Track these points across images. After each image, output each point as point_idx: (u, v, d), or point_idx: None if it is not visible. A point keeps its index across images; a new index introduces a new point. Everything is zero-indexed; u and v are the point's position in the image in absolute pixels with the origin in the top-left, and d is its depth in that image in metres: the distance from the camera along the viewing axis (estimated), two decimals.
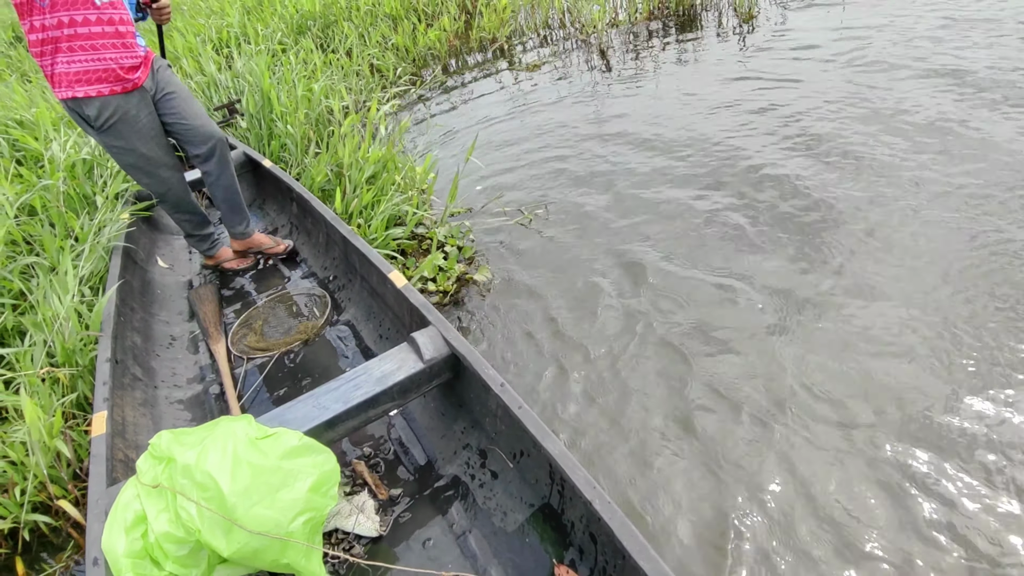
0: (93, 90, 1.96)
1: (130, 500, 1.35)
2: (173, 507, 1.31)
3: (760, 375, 1.91)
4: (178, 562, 1.29)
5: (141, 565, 1.28)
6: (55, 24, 1.86)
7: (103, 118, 2.03)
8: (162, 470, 1.37)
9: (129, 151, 2.18)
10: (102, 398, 1.77)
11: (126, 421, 1.82)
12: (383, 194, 2.85)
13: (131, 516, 1.32)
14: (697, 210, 2.68)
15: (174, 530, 1.29)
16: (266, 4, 5.97)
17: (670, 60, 4.36)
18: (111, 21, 1.94)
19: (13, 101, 3.62)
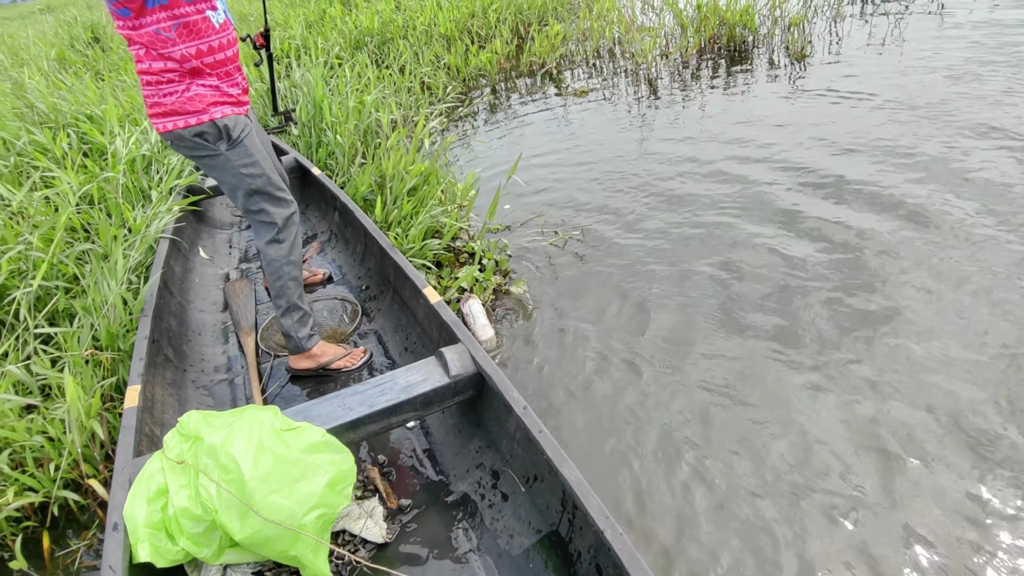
0: (218, 112, 1.89)
1: (154, 472, 1.40)
2: (194, 484, 1.35)
3: (793, 430, 1.86)
4: (192, 539, 1.33)
5: (157, 536, 1.32)
6: (191, 54, 1.80)
7: (236, 132, 1.92)
8: (188, 448, 1.42)
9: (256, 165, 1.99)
10: (137, 373, 1.84)
11: (155, 398, 1.89)
12: (423, 206, 2.90)
13: (154, 488, 1.37)
14: (732, 251, 2.64)
15: (192, 507, 1.33)
16: (327, 19, 6.19)
17: (718, 95, 4.36)
18: (230, 44, 1.93)
19: (86, 97, 3.83)
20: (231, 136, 1.90)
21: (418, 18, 6.05)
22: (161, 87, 1.82)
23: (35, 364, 2.01)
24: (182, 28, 1.77)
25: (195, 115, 1.85)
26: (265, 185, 1.99)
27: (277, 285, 2.10)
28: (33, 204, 2.63)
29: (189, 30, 1.79)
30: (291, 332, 2.14)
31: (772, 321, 2.23)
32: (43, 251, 2.40)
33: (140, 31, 1.75)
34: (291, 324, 2.13)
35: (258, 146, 2.00)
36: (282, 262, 2.08)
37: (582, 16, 6.22)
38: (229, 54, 1.91)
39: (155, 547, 1.31)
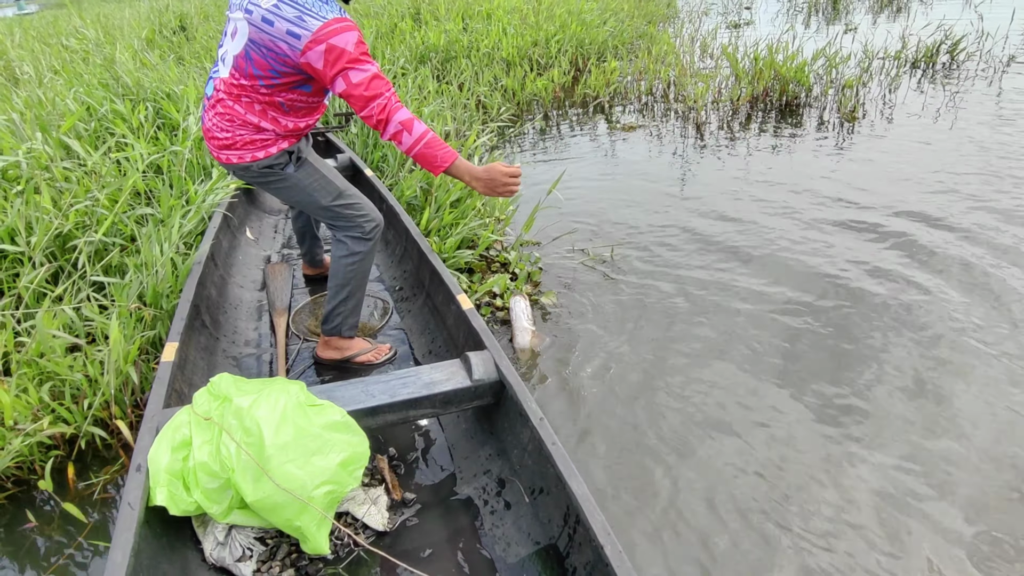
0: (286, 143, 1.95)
1: (181, 424, 1.48)
2: (216, 442, 1.43)
3: (831, 482, 1.89)
4: (205, 493, 1.40)
5: (175, 484, 1.40)
6: (293, 127, 1.91)
7: (301, 152, 2.01)
8: (215, 407, 1.50)
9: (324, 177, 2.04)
10: (176, 331, 1.95)
11: (188, 358, 1.99)
12: (463, 218, 3.03)
13: (178, 439, 1.45)
14: (756, 306, 2.67)
15: (211, 463, 1.40)
16: (397, 32, 6.48)
17: (764, 146, 4.42)
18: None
19: (167, 76, 4.12)
20: (299, 156, 1.95)
21: (483, 40, 6.29)
22: (242, 132, 1.85)
23: (86, 308, 2.18)
24: (295, 111, 1.85)
25: (263, 149, 1.89)
26: (337, 197, 2.02)
27: (347, 278, 2.10)
28: (105, 166, 2.85)
29: (303, 110, 1.88)
30: (337, 316, 2.16)
31: (796, 370, 2.27)
32: (108, 209, 2.60)
33: (275, 95, 1.79)
34: (344, 309, 2.15)
35: (324, 163, 2.08)
36: (359, 258, 2.07)
37: (640, 56, 6.37)
38: (316, 114, 1.97)
39: (171, 494, 1.38)
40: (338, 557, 1.54)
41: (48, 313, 2.06)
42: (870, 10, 9.30)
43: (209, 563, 1.47)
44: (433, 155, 1.71)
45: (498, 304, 2.64)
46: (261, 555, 1.50)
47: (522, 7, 7.52)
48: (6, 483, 1.96)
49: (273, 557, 1.51)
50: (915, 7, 8.99)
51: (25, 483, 1.97)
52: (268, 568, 1.48)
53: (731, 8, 10.23)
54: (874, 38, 6.63)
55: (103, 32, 5.91)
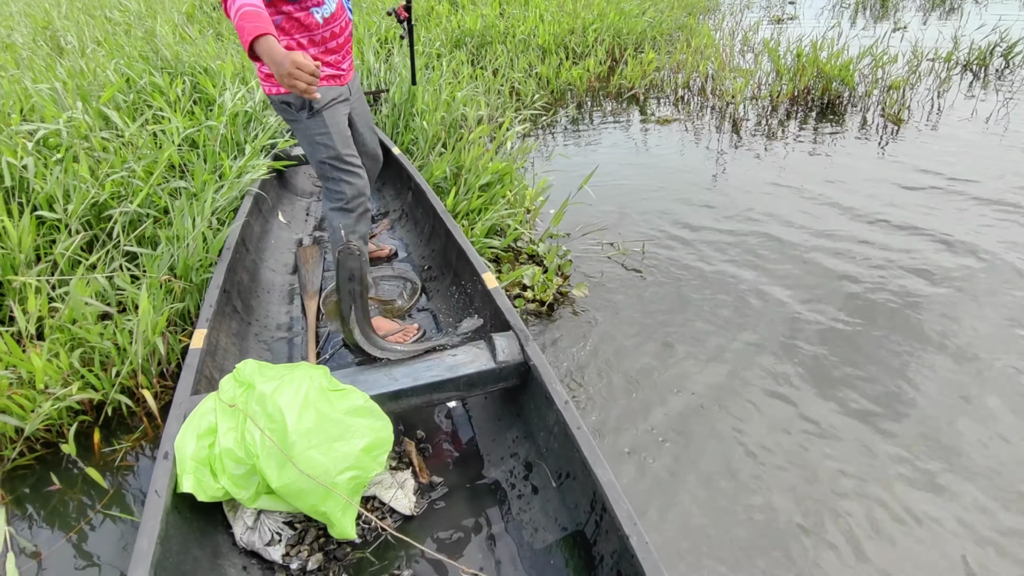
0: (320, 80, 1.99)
1: (207, 411, 1.49)
2: (241, 429, 1.43)
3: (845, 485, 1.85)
4: (232, 480, 1.41)
5: (201, 471, 1.41)
6: (292, 45, 1.96)
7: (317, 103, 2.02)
8: (240, 393, 1.50)
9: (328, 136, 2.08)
10: (205, 318, 1.95)
11: (218, 344, 2.00)
12: (492, 203, 3.00)
13: (205, 425, 1.46)
14: (787, 308, 2.62)
15: (237, 449, 1.41)
16: (434, 15, 6.45)
17: (802, 145, 4.30)
18: (335, 35, 2.04)
19: (205, 51, 4.15)
20: (312, 105, 2.00)
21: (519, 27, 6.22)
22: None
23: (119, 278, 2.21)
24: (285, 21, 1.92)
25: None
26: (332, 157, 2.08)
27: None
28: (142, 137, 2.88)
29: (293, 23, 1.93)
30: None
31: (830, 374, 2.21)
32: (143, 180, 2.63)
33: (273, 16, 1.88)
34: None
35: (337, 120, 2.07)
36: (347, 231, 2.16)
37: (679, 48, 6.25)
38: (331, 46, 2.03)
39: (199, 481, 1.40)
40: (365, 541, 1.55)
41: (82, 280, 2.09)
42: (920, 9, 8.98)
43: (239, 547, 1.49)
44: (242, 27, 1.55)
45: (528, 296, 2.61)
46: (290, 539, 1.51)
47: None
48: (35, 444, 2.00)
49: (302, 541, 1.52)
50: (968, 7, 8.66)
51: (52, 446, 2.02)
52: (297, 552, 1.50)
53: (775, 2, 9.97)
54: (924, 38, 6.40)
55: (145, 5, 5.99)
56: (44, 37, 4.81)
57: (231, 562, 1.45)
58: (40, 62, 3.80)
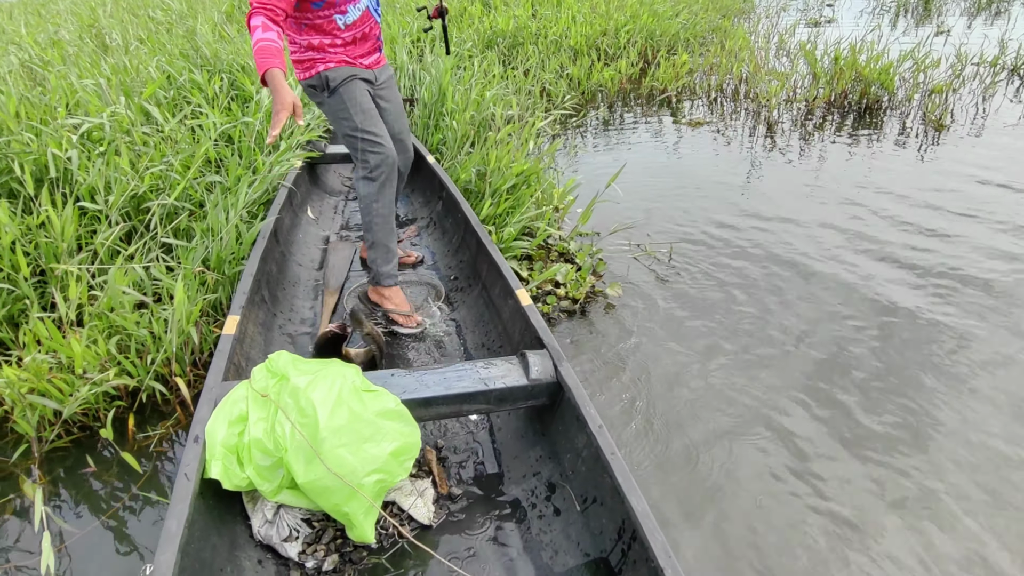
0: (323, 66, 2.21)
1: (238, 399, 1.50)
2: (272, 420, 1.44)
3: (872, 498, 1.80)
4: (257, 470, 1.42)
5: (229, 458, 1.42)
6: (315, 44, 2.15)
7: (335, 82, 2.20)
8: (273, 384, 1.51)
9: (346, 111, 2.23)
10: (238, 305, 1.99)
11: (246, 333, 2.03)
12: (520, 205, 3.00)
13: (236, 413, 1.47)
14: (819, 316, 2.57)
15: (266, 440, 1.41)
16: (466, 16, 6.49)
17: (839, 151, 4.22)
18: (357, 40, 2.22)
19: (242, 50, 4.24)
20: (329, 85, 2.18)
21: (551, 28, 6.22)
22: (293, 49, 2.23)
23: (155, 268, 2.26)
24: (309, 24, 2.13)
25: (308, 70, 2.21)
26: (353, 129, 2.22)
27: (366, 220, 2.33)
28: (180, 132, 2.95)
29: (315, 26, 2.13)
30: (372, 265, 2.39)
31: (862, 387, 2.16)
32: (180, 174, 2.70)
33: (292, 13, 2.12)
34: (373, 258, 2.38)
35: (356, 97, 2.21)
36: (371, 199, 2.28)
37: (712, 50, 6.18)
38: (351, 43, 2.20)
39: (226, 467, 1.41)
40: (382, 547, 1.53)
41: (120, 270, 2.15)
42: (965, 12, 8.73)
43: (256, 539, 1.49)
44: (259, 62, 1.84)
45: (560, 293, 2.59)
46: (307, 537, 1.51)
47: None
48: (72, 427, 2.07)
49: (318, 540, 1.51)
50: (1016, 10, 8.39)
51: (89, 429, 2.08)
52: (313, 551, 1.49)
53: (812, 4, 9.79)
54: (968, 42, 6.22)
55: (187, 5, 6.14)
56: (89, 35, 4.97)
57: (247, 554, 1.45)
58: (86, 59, 3.93)
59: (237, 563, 1.40)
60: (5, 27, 4.91)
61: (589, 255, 2.78)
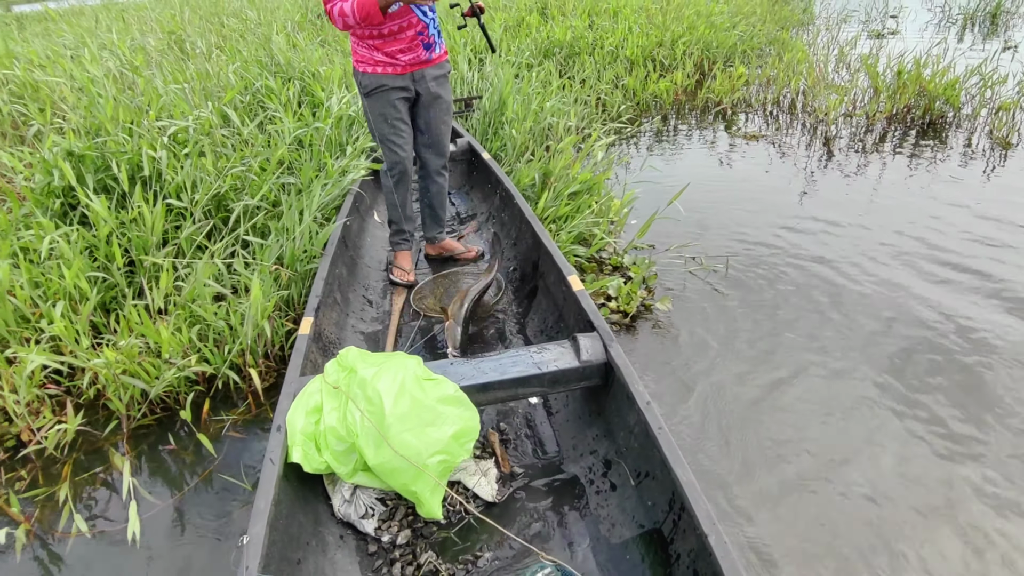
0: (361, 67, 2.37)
1: (314, 391, 1.64)
2: (344, 409, 1.57)
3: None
4: (334, 455, 1.55)
5: (308, 445, 1.55)
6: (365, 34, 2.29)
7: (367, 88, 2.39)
8: (343, 377, 1.64)
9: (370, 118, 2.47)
10: (312, 307, 2.11)
11: (321, 332, 2.15)
12: (579, 212, 3.07)
13: (312, 404, 1.61)
14: (872, 336, 2.54)
15: (339, 427, 1.54)
16: (524, 26, 6.59)
17: (899, 167, 4.13)
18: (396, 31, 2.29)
19: (313, 57, 4.43)
20: (362, 89, 2.41)
21: (608, 38, 6.27)
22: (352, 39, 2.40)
23: (236, 263, 2.41)
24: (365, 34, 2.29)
25: (358, 64, 2.40)
26: (376, 131, 2.50)
27: (387, 202, 2.73)
28: (257, 136, 3.13)
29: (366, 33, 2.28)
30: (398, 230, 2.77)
31: (914, 409, 2.15)
32: (258, 175, 2.86)
33: None
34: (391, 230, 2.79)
35: (379, 105, 2.41)
36: (389, 190, 2.66)
37: (770, 63, 6.12)
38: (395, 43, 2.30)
39: (305, 453, 1.54)
40: (450, 523, 1.64)
41: (205, 263, 2.30)
42: None
43: (337, 517, 1.62)
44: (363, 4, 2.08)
45: (612, 306, 2.64)
46: (382, 514, 1.63)
47: (650, 6, 7.42)
48: (156, 407, 2.23)
49: (392, 517, 1.64)
50: None
51: (170, 410, 2.24)
52: (387, 527, 1.61)
53: (874, 16, 9.55)
54: None
55: (262, 15, 6.44)
56: (171, 41, 5.28)
57: (329, 530, 1.58)
58: (169, 64, 4.18)
59: (321, 537, 1.52)
60: (97, 32, 5.25)
61: (642, 268, 2.81)
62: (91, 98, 3.20)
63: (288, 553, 1.38)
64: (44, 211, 2.58)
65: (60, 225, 2.52)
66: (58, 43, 4.92)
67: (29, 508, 1.89)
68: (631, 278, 2.79)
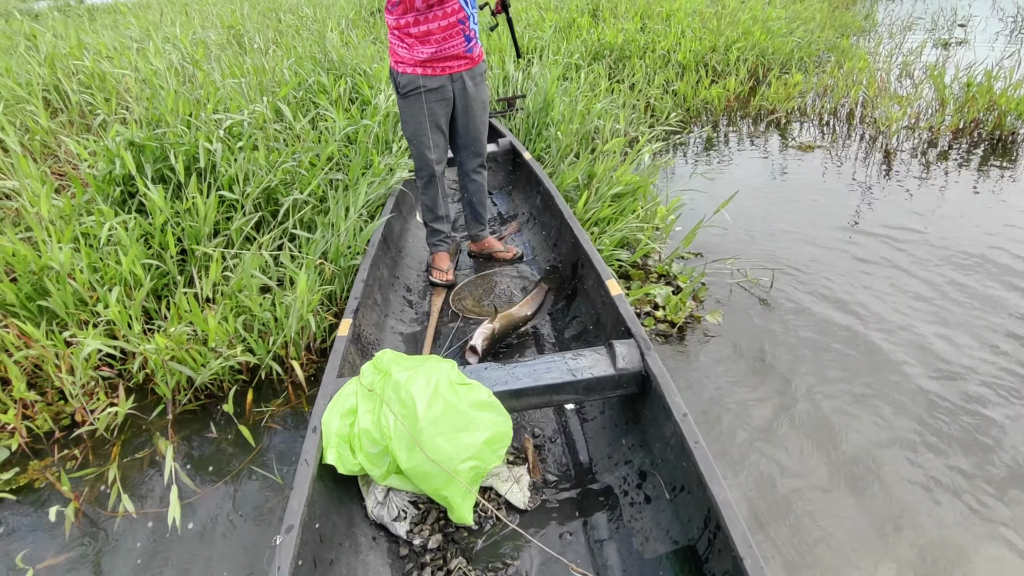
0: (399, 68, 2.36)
1: (350, 393, 1.65)
2: (378, 412, 1.57)
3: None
4: (367, 457, 1.55)
5: (342, 446, 1.57)
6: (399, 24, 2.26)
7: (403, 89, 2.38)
8: (378, 380, 1.64)
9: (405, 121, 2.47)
10: (351, 309, 2.12)
11: (360, 334, 2.16)
12: (622, 216, 3.02)
13: (347, 406, 1.62)
14: (925, 362, 2.43)
15: (373, 430, 1.55)
16: (574, 28, 6.55)
17: (964, 185, 3.94)
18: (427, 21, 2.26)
19: (365, 55, 4.49)
20: (398, 89, 2.40)
21: (660, 42, 6.17)
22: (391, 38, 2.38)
23: (283, 256, 2.45)
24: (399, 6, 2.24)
25: (395, 64, 2.39)
26: (407, 133, 2.50)
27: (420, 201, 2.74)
28: (309, 132, 3.18)
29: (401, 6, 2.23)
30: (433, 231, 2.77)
31: (963, 443, 2.04)
32: (308, 171, 2.90)
33: None
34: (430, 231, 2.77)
35: (413, 108, 2.40)
36: (420, 191, 2.68)
37: (829, 71, 5.92)
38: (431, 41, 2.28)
39: (340, 454, 1.55)
40: (481, 529, 1.63)
41: (253, 255, 2.35)
42: None
43: (370, 519, 1.63)
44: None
45: (659, 315, 2.59)
46: (414, 517, 1.63)
47: (704, 10, 7.27)
48: (200, 394, 2.28)
49: (424, 521, 1.64)
50: None
51: (213, 397, 2.29)
52: (419, 530, 1.61)
53: (941, 24, 9.15)
54: None
55: (317, 10, 6.57)
56: (230, 36, 5.42)
57: (362, 531, 1.59)
58: (227, 59, 4.29)
59: (354, 539, 1.53)
60: (162, 26, 5.45)
61: (691, 278, 2.74)
62: (153, 90, 3.31)
63: (321, 553, 1.39)
64: (105, 198, 2.67)
65: (119, 212, 2.61)
66: (125, 35, 5.11)
67: (78, 487, 1.96)
68: (680, 288, 2.73)
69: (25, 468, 2.02)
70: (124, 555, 1.74)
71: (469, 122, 2.54)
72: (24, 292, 2.28)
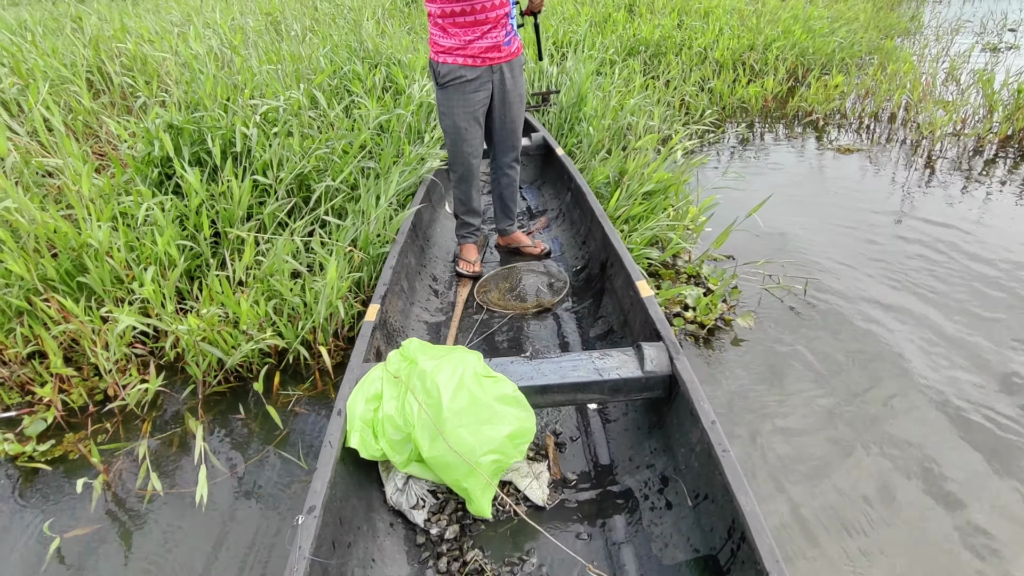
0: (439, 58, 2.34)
1: (375, 379, 1.66)
2: (402, 399, 1.58)
3: None
4: (390, 443, 1.56)
5: (365, 431, 1.58)
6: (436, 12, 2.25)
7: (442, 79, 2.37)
8: (404, 367, 1.65)
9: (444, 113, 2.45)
10: (379, 295, 2.13)
11: (386, 320, 2.17)
12: (653, 214, 2.98)
13: (372, 391, 1.63)
14: (961, 377, 2.35)
15: (396, 417, 1.56)
16: (610, 23, 6.48)
17: (1011, 196, 3.81)
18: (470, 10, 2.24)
19: (400, 45, 4.50)
20: (438, 80, 2.38)
21: (697, 39, 6.08)
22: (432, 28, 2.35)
23: (314, 242, 2.47)
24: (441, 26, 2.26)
25: (435, 55, 2.37)
26: (444, 126, 2.49)
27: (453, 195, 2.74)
28: (343, 120, 3.20)
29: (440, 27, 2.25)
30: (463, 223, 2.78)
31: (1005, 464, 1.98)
32: (340, 158, 2.92)
33: None
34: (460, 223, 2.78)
35: (452, 99, 2.38)
36: (454, 185, 2.68)
37: (871, 73, 5.77)
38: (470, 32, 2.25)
39: (363, 439, 1.56)
40: (498, 522, 1.63)
41: (285, 240, 2.37)
42: None
43: (389, 505, 1.64)
44: None
45: (688, 316, 2.55)
46: (432, 507, 1.64)
47: (743, 8, 7.14)
48: (230, 376, 2.31)
49: (442, 510, 1.64)
50: None
51: (242, 379, 2.32)
52: (437, 520, 1.62)
53: (990, 28, 8.85)
54: None
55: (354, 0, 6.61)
56: (268, 23, 5.48)
57: (381, 517, 1.60)
58: (264, 45, 4.34)
59: (372, 523, 1.54)
60: (202, 11, 5.53)
61: (721, 280, 2.70)
62: (193, 74, 3.36)
63: (340, 536, 1.40)
64: (143, 179, 2.72)
65: (156, 193, 2.65)
66: (166, 20, 5.20)
67: (108, 460, 2.00)
68: (711, 290, 2.68)
69: (60, 440, 2.07)
70: (148, 530, 1.78)
71: (506, 115, 2.52)
72: (64, 268, 2.33)
